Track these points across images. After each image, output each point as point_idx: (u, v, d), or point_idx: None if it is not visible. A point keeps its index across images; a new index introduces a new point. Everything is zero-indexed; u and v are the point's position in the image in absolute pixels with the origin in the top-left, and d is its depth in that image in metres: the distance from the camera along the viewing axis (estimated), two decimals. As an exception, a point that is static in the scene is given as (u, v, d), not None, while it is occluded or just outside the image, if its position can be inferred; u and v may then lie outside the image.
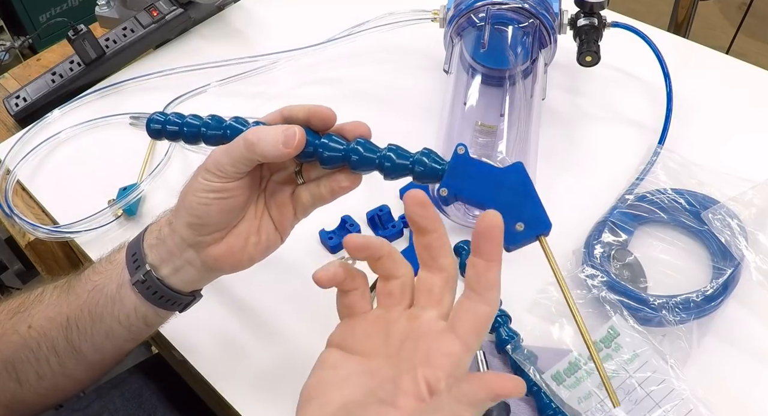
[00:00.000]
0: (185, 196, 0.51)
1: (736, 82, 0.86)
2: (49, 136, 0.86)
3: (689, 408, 0.56)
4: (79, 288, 0.55)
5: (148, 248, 0.53)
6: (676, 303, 0.61)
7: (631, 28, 0.79)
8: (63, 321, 0.54)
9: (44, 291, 0.57)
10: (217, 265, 0.53)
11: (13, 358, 0.55)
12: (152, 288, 0.53)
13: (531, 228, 0.45)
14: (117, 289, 0.53)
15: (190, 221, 0.51)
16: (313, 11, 1.02)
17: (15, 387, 0.56)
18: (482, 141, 0.70)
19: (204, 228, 0.51)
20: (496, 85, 0.76)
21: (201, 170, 0.50)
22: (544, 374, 0.58)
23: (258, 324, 0.67)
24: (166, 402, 0.69)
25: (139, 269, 0.52)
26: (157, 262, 0.53)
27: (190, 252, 0.52)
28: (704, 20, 1.74)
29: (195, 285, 0.55)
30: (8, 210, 0.78)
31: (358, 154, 0.50)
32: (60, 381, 0.57)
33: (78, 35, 0.89)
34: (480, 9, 0.77)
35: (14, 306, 0.57)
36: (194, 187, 0.50)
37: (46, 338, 0.55)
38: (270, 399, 0.61)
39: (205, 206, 0.50)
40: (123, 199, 0.76)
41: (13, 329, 0.55)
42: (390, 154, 0.50)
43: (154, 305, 0.54)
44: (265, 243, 0.54)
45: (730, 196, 0.68)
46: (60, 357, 0.55)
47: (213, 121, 0.54)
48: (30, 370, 0.56)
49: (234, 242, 0.52)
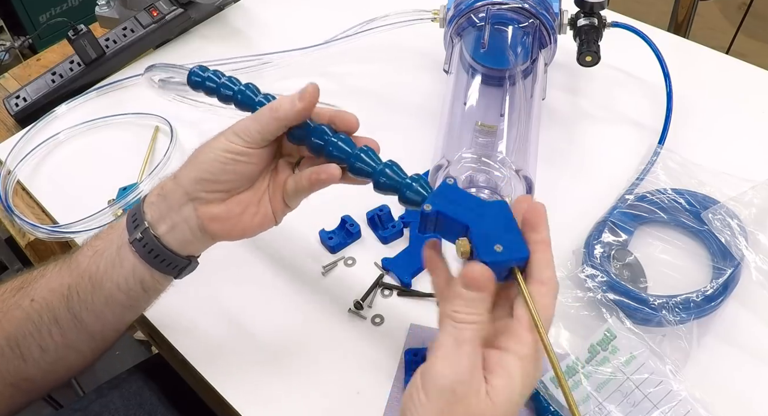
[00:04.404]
0: (202, 153, 0.54)
1: (736, 82, 0.86)
2: (49, 136, 0.86)
3: (687, 409, 0.56)
4: (80, 255, 0.56)
5: (147, 206, 0.55)
6: (676, 303, 0.61)
7: (631, 28, 0.79)
8: (64, 290, 0.56)
9: (47, 267, 0.58)
10: (211, 227, 0.55)
11: (16, 334, 0.56)
12: (149, 245, 0.54)
13: (509, 251, 0.46)
14: (117, 251, 0.55)
15: (201, 176, 0.53)
16: (313, 11, 1.02)
17: (19, 364, 0.57)
18: (482, 141, 0.70)
19: (212, 185, 0.54)
20: (496, 85, 0.76)
21: (227, 133, 0.54)
22: (543, 377, 0.58)
23: (258, 324, 0.67)
24: (167, 402, 0.69)
25: (138, 228, 0.54)
26: (155, 219, 0.54)
27: (189, 207, 0.54)
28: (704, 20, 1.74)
29: (189, 247, 0.56)
30: (8, 210, 0.78)
31: (361, 160, 0.53)
32: (63, 352, 0.58)
33: (78, 35, 0.89)
34: (480, 9, 0.77)
35: (17, 284, 0.58)
36: (215, 146, 0.53)
37: (48, 309, 0.56)
38: (270, 399, 0.61)
39: (221, 164, 0.53)
40: (123, 199, 0.76)
41: (16, 305, 0.56)
42: (386, 170, 0.53)
43: (151, 266, 0.55)
44: (261, 218, 0.56)
45: (730, 196, 0.68)
46: (62, 327, 0.56)
47: (248, 90, 0.59)
48: (33, 344, 0.56)
49: (234, 207, 0.55)
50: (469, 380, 0.43)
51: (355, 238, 0.72)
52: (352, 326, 0.66)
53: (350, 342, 0.65)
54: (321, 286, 0.69)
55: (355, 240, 0.73)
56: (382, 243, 0.72)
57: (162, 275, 0.56)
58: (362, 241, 0.73)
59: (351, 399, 0.61)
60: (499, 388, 0.43)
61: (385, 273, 0.69)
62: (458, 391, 0.43)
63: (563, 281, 0.65)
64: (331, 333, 0.65)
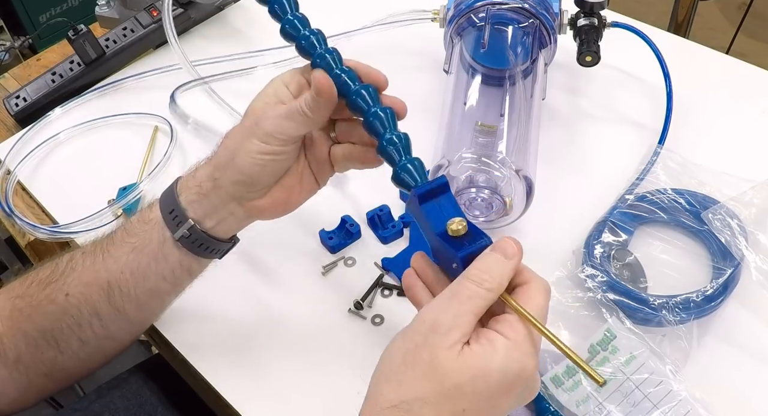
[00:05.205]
0: (236, 156, 0.52)
1: (736, 82, 0.86)
2: (49, 136, 0.86)
3: (687, 409, 0.56)
4: (114, 251, 0.56)
5: (187, 204, 0.54)
6: (676, 303, 0.61)
7: (631, 28, 0.79)
8: (103, 284, 0.56)
9: (73, 259, 0.58)
10: (260, 214, 0.56)
11: (51, 327, 0.57)
12: (198, 241, 0.55)
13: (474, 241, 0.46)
14: (159, 247, 0.55)
15: (241, 179, 0.53)
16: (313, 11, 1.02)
17: (56, 355, 0.58)
18: (482, 141, 0.70)
19: (254, 186, 0.53)
20: (496, 85, 0.76)
21: (258, 133, 0.51)
22: (543, 377, 0.58)
23: (258, 324, 0.67)
24: (167, 402, 0.69)
25: (182, 225, 0.54)
26: (200, 216, 0.55)
27: (234, 204, 0.54)
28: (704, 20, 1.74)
29: (234, 231, 0.57)
30: (8, 211, 0.78)
31: (379, 118, 0.52)
32: (103, 343, 0.59)
33: (78, 35, 0.89)
34: (480, 9, 0.77)
35: (44, 277, 0.57)
36: (249, 149, 0.52)
37: (87, 303, 0.56)
38: (270, 399, 0.61)
39: (260, 167, 0.52)
40: (123, 199, 0.76)
41: (48, 299, 0.56)
42: (393, 138, 0.52)
43: (198, 256, 0.56)
44: (306, 192, 0.57)
45: (730, 196, 0.68)
46: (103, 320, 0.57)
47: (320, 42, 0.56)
48: (72, 336, 0.57)
49: (279, 194, 0.55)
50: (448, 330, 0.42)
51: (355, 238, 0.72)
52: (352, 326, 0.66)
53: (350, 342, 0.65)
54: (321, 286, 0.69)
55: (355, 240, 0.73)
56: (382, 243, 0.72)
57: (208, 260, 0.58)
58: (362, 241, 0.73)
59: (351, 399, 0.60)
60: (475, 353, 0.42)
61: (385, 273, 0.69)
62: (431, 335, 0.42)
63: (563, 281, 0.65)
64: (331, 333, 0.65)
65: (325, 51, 0.54)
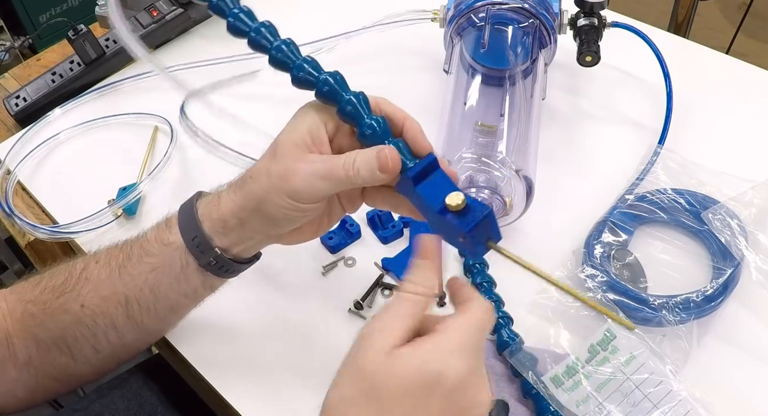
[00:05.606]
0: (263, 206, 0.50)
1: (736, 82, 0.86)
2: (49, 136, 0.86)
3: (687, 409, 0.56)
4: (132, 269, 0.55)
5: (213, 233, 0.53)
6: (676, 303, 0.61)
7: (631, 28, 0.79)
8: (121, 299, 0.55)
9: (87, 268, 0.57)
10: (288, 243, 0.56)
11: (65, 335, 0.56)
12: (224, 267, 0.54)
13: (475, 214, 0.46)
14: (181, 270, 0.54)
15: (270, 224, 0.52)
16: (313, 11, 1.02)
17: (68, 362, 0.58)
18: (482, 141, 0.70)
19: (283, 230, 0.53)
20: (496, 85, 0.76)
21: (287, 189, 0.48)
22: (543, 377, 0.58)
23: (258, 324, 0.67)
24: (167, 403, 0.68)
25: (206, 253, 0.53)
26: (226, 246, 0.54)
27: (261, 236, 0.54)
28: (704, 20, 1.74)
29: (258, 250, 0.57)
30: (8, 211, 0.78)
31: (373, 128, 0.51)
32: (118, 351, 0.59)
33: (78, 35, 0.89)
34: (480, 9, 0.77)
35: (57, 285, 0.57)
36: (277, 203, 0.49)
37: (104, 315, 0.56)
38: (270, 400, 0.61)
39: (290, 221, 0.51)
40: (123, 199, 0.76)
41: (62, 309, 0.56)
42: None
43: (222, 277, 0.56)
44: (336, 221, 0.57)
45: (730, 196, 0.68)
46: (119, 331, 0.57)
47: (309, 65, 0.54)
48: (86, 345, 0.57)
49: (308, 229, 0.55)
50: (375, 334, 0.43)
51: (355, 238, 0.72)
52: (352, 326, 0.66)
53: (350, 343, 0.64)
54: (321, 286, 0.69)
55: (355, 240, 0.73)
56: (382, 243, 0.72)
57: (231, 277, 0.58)
58: (362, 241, 0.73)
59: (351, 399, 0.61)
60: (402, 354, 0.41)
61: (385, 273, 0.70)
62: (362, 341, 0.43)
63: (563, 281, 0.65)
64: (331, 333, 0.65)
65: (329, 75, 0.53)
